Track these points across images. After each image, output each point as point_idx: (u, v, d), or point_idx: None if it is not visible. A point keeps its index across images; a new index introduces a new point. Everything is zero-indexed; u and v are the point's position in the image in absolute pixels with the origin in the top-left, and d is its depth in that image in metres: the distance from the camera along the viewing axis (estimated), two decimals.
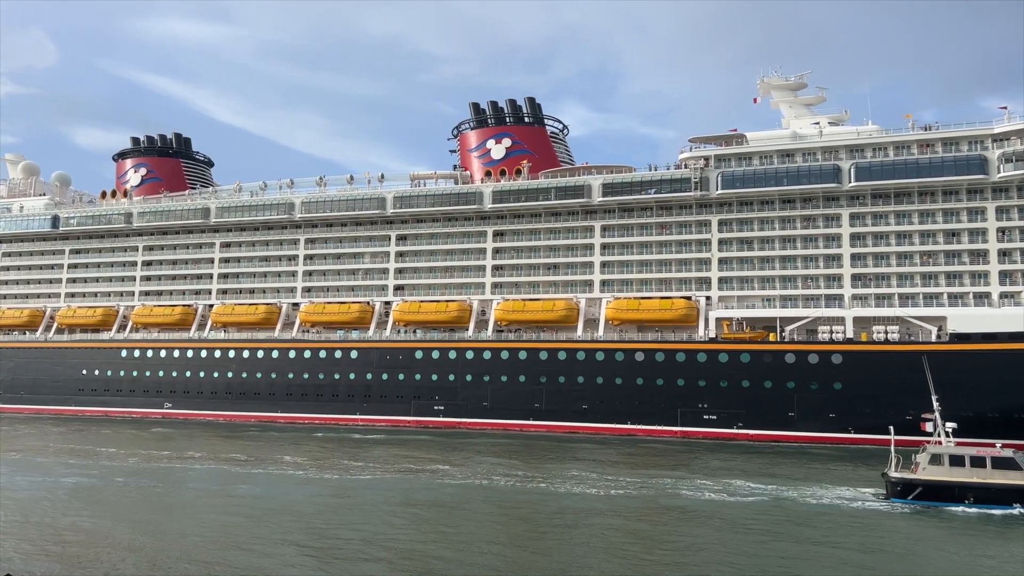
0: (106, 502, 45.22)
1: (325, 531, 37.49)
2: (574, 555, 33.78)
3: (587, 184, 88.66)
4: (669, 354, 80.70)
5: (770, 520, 39.68)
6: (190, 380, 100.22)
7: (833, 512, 40.96)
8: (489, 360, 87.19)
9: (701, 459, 64.15)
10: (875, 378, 73.43)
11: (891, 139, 79.14)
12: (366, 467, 58.18)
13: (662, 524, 39.86)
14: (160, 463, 60.47)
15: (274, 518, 40.36)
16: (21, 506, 42.81)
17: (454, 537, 36.81)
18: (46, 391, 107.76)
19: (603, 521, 40.26)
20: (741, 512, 41.31)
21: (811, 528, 37.92)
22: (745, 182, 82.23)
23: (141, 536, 36.53)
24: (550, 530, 38.21)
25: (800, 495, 45.31)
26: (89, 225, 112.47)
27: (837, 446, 72.53)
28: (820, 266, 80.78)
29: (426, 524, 39.57)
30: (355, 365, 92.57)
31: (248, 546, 34.65)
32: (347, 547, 34.58)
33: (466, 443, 74.50)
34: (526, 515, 41.88)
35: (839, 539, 35.97)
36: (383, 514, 41.65)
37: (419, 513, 42.21)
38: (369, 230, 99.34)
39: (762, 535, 36.90)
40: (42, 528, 37.95)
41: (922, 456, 42.23)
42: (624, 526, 39.23)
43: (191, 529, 38.31)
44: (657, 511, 42.47)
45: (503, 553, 34.29)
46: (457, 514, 42.23)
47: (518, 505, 44.44)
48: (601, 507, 43.31)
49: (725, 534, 37.16)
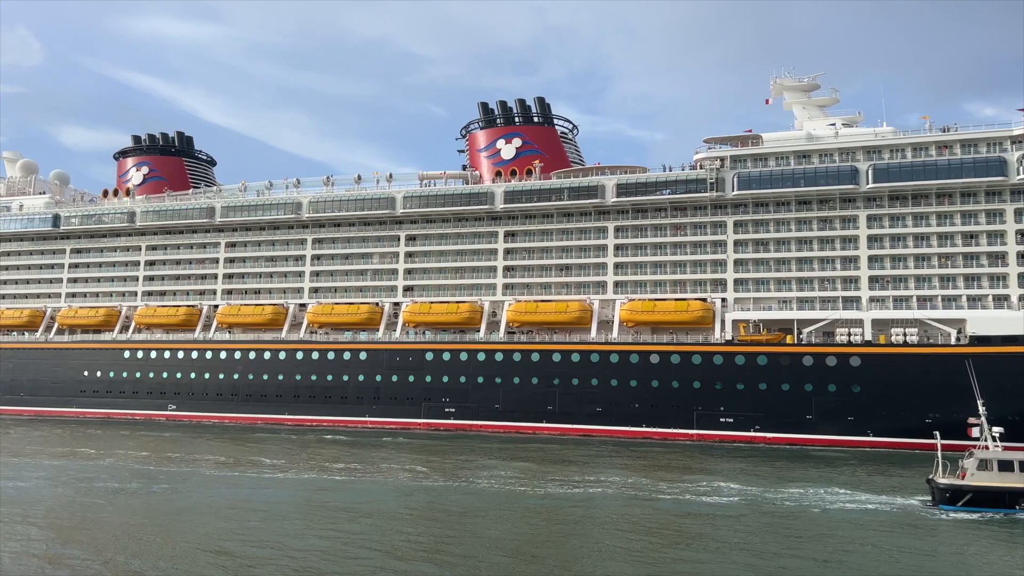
0: (113, 506, 43.98)
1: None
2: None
3: (601, 184, 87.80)
4: (685, 356, 79.92)
5: (827, 526, 38.62)
6: (195, 382, 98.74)
7: (885, 519, 39.86)
8: (501, 362, 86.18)
9: (728, 463, 63.10)
10: (895, 381, 72.92)
11: (909, 140, 78.66)
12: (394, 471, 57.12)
13: (725, 528, 38.64)
14: (178, 467, 59.19)
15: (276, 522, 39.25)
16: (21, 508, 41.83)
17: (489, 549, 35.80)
18: (46, 393, 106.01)
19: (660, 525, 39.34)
20: (793, 519, 40.26)
21: (873, 535, 36.78)
22: (762, 183, 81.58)
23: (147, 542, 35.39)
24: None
25: (844, 501, 44.29)
26: (91, 224, 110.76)
27: (857, 450, 71.95)
28: (837, 268, 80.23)
29: (442, 529, 38.56)
30: (364, 366, 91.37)
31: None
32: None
33: (483, 447, 73.49)
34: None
35: (907, 548, 34.82)
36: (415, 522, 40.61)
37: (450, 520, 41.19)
38: (378, 230, 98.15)
39: (822, 543, 35.86)
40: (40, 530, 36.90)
41: (969, 461, 41.41)
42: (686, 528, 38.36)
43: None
44: (711, 517, 41.13)
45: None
46: (482, 522, 41.18)
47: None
48: (647, 512, 42.38)
49: (790, 541, 36.15)
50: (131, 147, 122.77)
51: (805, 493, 46.78)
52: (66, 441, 75.94)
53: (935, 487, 41.83)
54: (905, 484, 50.58)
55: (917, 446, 71.40)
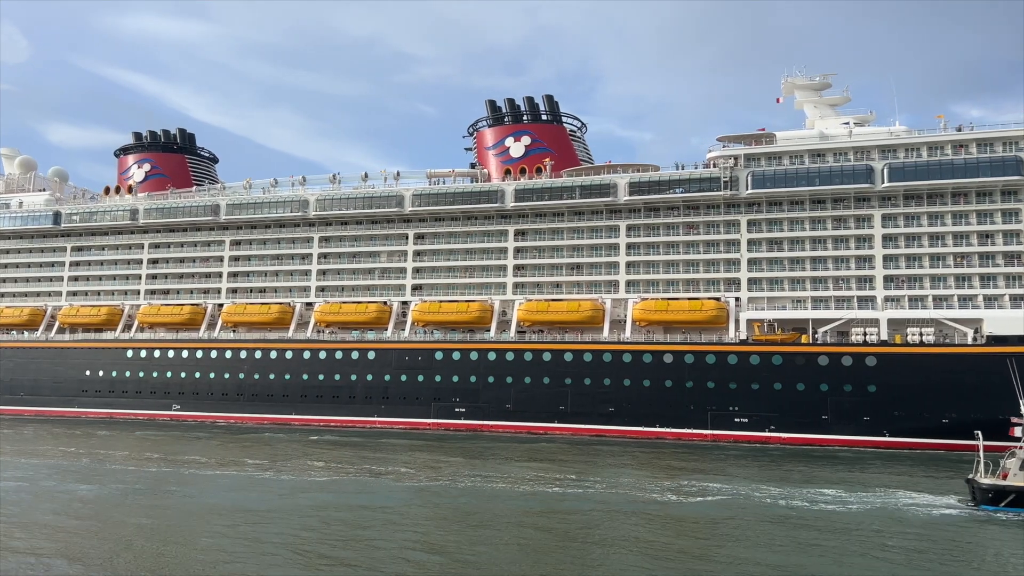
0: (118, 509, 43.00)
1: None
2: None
3: (613, 183, 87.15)
4: (699, 356, 79.37)
5: (870, 529, 37.83)
6: (200, 381, 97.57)
7: (929, 520, 39.20)
8: (512, 361, 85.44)
9: (752, 464, 62.33)
10: (911, 381, 72.57)
11: (924, 139, 78.38)
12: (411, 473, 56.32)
13: (759, 532, 37.99)
14: (191, 468, 58.20)
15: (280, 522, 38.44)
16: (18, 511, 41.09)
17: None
18: (47, 392, 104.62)
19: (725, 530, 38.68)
20: (832, 521, 39.56)
21: (922, 538, 36.12)
22: (776, 182, 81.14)
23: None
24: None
25: (882, 502, 43.63)
26: (92, 222, 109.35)
27: (874, 450, 71.52)
28: (852, 267, 79.85)
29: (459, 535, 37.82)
30: (373, 366, 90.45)
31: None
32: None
33: (500, 447, 72.75)
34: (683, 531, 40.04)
35: (955, 550, 34.32)
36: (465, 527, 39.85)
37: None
38: (386, 228, 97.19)
39: (866, 544, 35.22)
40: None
41: (1011, 462, 40.94)
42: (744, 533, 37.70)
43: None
44: (755, 520, 40.35)
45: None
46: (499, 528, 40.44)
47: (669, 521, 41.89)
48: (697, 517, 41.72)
49: (837, 541, 35.58)
50: (132, 144, 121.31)
51: (840, 495, 46.08)
52: (64, 441, 74.74)
53: (976, 487, 41.34)
54: (938, 485, 50.09)
55: (934, 446, 71.23)
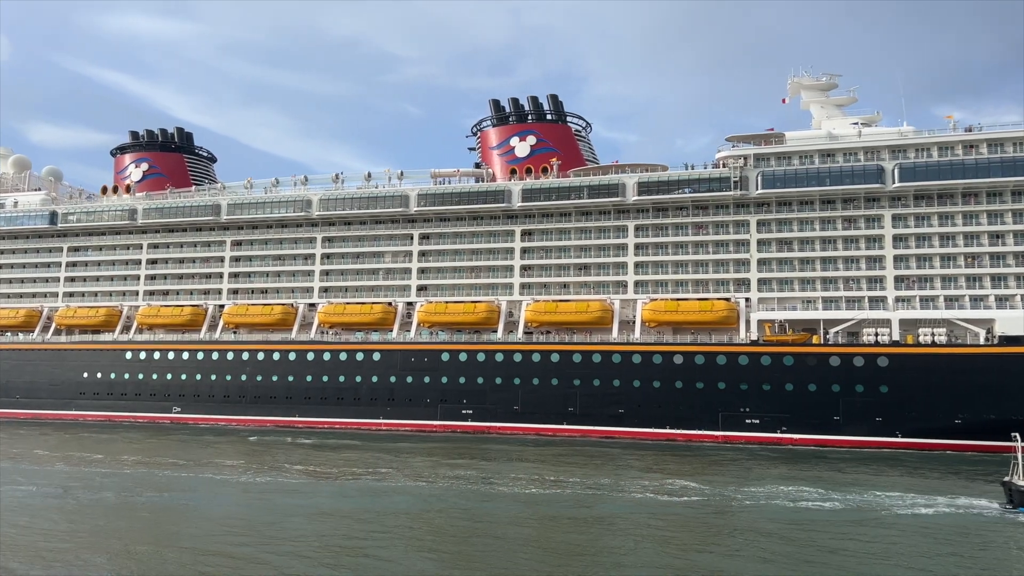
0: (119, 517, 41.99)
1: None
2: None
3: (622, 183, 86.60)
4: (709, 357, 78.89)
5: (918, 530, 37.43)
6: (201, 383, 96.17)
7: (971, 523, 38.81)
8: (520, 362, 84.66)
9: (772, 467, 61.84)
10: (924, 381, 72.36)
11: (935, 140, 78.31)
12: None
13: (828, 534, 37.36)
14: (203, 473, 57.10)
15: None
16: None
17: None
18: (44, 395, 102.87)
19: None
20: (880, 525, 39.09)
21: (974, 540, 35.81)
22: (787, 182, 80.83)
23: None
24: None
25: (920, 505, 43.14)
26: (90, 222, 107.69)
27: (887, 451, 71.19)
28: (862, 268, 79.63)
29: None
30: (378, 367, 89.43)
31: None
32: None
33: (501, 448, 71.99)
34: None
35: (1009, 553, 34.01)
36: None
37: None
38: (391, 228, 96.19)
39: (924, 547, 34.79)
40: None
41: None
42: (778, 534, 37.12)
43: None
44: (808, 524, 39.60)
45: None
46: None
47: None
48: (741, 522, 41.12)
49: (889, 544, 35.06)
50: (129, 143, 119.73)
51: (874, 497, 45.48)
52: (58, 445, 73.42)
53: (1014, 489, 40.96)
54: (968, 486, 49.71)
55: (948, 447, 71.05)
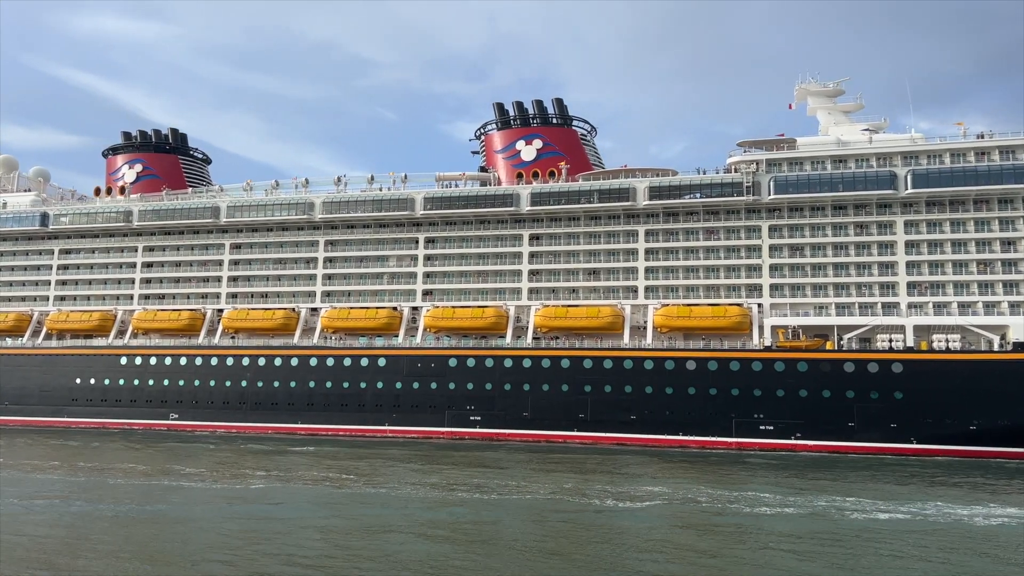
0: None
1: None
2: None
3: (632, 187, 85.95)
4: (723, 363, 78.33)
5: (999, 545, 36.84)
6: (199, 389, 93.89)
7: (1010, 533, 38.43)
8: (529, 368, 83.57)
9: (799, 473, 61.20)
10: (939, 387, 72.27)
11: (947, 146, 78.56)
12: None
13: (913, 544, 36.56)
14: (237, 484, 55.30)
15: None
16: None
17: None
18: (33, 402, 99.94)
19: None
20: (929, 536, 38.41)
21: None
22: (799, 187, 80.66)
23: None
24: None
25: (949, 513, 42.69)
26: (83, 223, 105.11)
27: (903, 457, 70.94)
28: (875, 273, 79.60)
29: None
30: (383, 373, 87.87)
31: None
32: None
33: (511, 456, 70.80)
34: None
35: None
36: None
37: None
38: (395, 232, 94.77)
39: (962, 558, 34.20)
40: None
41: None
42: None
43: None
44: (880, 534, 38.76)
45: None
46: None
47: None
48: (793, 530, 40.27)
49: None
50: (121, 144, 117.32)
51: (919, 507, 44.78)
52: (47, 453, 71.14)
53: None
54: (993, 490, 49.38)
55: (963, 453, 70.96)
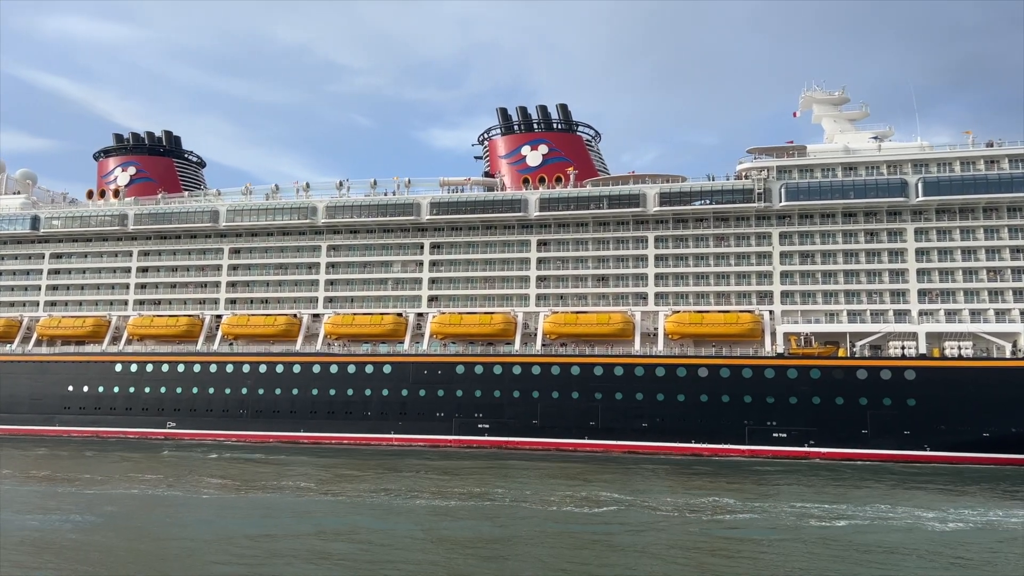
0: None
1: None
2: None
3: (643, 193, 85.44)
4: (735, 370, 77.96)
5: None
6: (198, 397, 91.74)
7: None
8: (538, 375, 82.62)
9: (828, 480, 60.88)
10: (951, 395, 72.45)
11: (957, 154, 79.00)
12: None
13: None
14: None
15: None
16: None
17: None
18: (24, 410, 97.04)
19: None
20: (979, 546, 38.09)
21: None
22: (811, 194, 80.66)
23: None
24: None
25: (987, 520, 42.48)
26: (76, 227, 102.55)
27: (916, 464, 70.91)
28: (885, 281, 79.73)
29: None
30: (389, 380, 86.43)
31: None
32: None
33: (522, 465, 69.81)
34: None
35: None
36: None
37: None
38: (400, 237, 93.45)
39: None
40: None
41: None
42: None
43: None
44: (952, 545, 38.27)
45: None
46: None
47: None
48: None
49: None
50: (113, 146, 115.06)
51: (951, 514, 44.64)
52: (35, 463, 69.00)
53: None
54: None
55: (976, 460, 71.06)
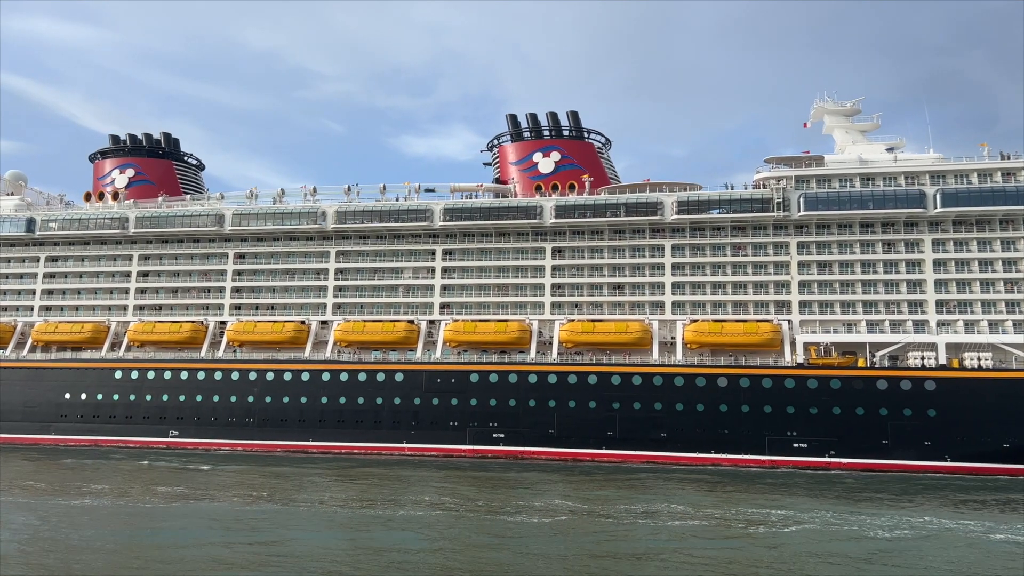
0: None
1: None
2: None
3: (660, 201, 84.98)
4: (755, 380, 77.52)
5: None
6: (202, 405, 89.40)
7: None
8: (555, 384, 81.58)
9: (877, 492, 60.45)
10: (972, 405, 72.62)
11: (975, 166, 79.58)
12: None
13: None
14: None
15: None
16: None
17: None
18: (18, 418, 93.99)
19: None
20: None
21: None
22: (830, 204, 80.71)
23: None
24: None
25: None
26: (74, 230, 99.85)
27: (938, 475, 70.90)
28: (903, 291, 79.92)
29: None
30: (401, 389, 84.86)
31: None
32: None
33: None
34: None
35: None
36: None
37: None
38: (411, 244, 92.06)
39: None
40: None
41: None
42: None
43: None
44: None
45: None
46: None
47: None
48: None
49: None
50: (110, 148, 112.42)
51: (987, 526, 44.36)
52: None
53: None
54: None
55: (997, 471, 71.23)
